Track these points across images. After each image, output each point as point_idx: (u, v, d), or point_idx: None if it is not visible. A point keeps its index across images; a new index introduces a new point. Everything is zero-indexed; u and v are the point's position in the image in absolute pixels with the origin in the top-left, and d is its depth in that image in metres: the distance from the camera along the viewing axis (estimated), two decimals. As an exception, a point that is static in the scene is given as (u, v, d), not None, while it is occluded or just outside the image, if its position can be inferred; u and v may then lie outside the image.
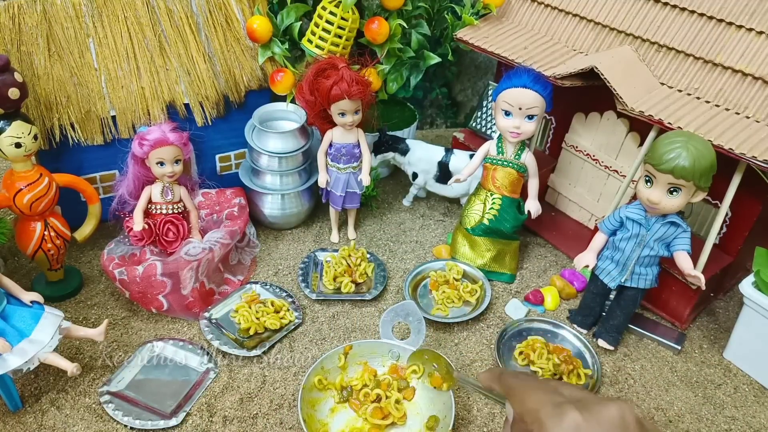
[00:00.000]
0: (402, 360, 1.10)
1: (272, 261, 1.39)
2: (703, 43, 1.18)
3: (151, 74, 1.30)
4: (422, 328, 1.09)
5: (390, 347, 1.11)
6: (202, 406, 1.06)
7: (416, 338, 1.09)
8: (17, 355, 0.97)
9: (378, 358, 1.12)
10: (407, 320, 1.10)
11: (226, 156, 1.46)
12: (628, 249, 1.13)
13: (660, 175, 1.02)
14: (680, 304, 1.26)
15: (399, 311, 1.11)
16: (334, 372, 1.09)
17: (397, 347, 1.10)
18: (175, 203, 1.25)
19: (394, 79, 1.49)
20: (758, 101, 1.11)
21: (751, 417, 1.11)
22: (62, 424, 1.02)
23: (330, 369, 1.09)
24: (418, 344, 1.09)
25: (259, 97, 1.42)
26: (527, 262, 1.43)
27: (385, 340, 1.10)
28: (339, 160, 1.36)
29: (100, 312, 1.24)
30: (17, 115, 1.09)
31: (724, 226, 1.26)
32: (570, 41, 1.37)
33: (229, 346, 1.15)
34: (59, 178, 1.20)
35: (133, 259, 1.23)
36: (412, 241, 1.48)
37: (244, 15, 1.38)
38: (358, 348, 1.11)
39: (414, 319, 1.10)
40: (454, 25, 1.45)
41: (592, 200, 1.45)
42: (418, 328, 1.09)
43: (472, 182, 1.42)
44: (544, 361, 1.14)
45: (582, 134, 1.42)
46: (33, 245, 1.18)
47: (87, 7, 1.26)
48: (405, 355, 1.09)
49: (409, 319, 1.10)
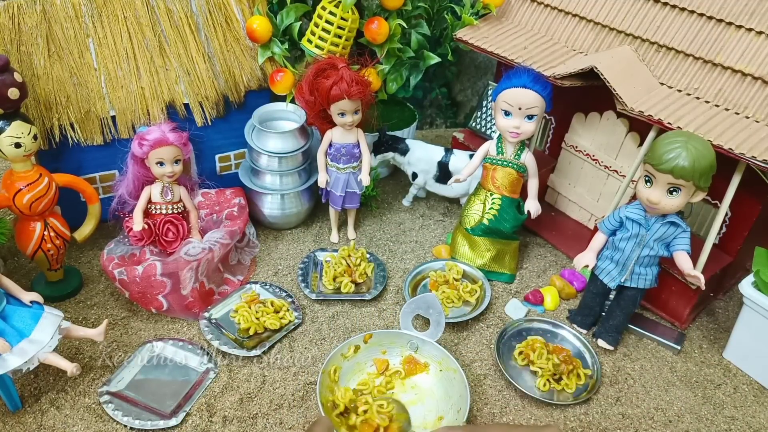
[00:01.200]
0: (420, 351, 1.13)
1: (272, 261, 1.39)
2: (703, 43, 1.18)
3: (150, 74, 1.30)
4: (442, 320, 1.11)
5: (409, 338, 1.13)
6: (201, 406, 1.06)
7: (435, 331, 1.12)
8: (17, 355, 0.96)
9: (397, 348, 1.14)
10: (427, 313, 1.12)
11: (226, 156, 1.46)
12: (627, 249, 1.13)
13: (660, 175, 1.02)
14: (680, 304, 1.26)
15: (420, 303, 1.13)
16: (349, 361, 1.10)
17: (416, 339, 1.12)
18: (174, 203, 1.25)
19: (393, 79, 1.49)
20: (758, 101, 1.11)
21: (751, 417, 1.11)
22: (62, 425, 1.02)
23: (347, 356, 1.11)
24: (437, 337, 1.11)
25: (258, 97, 1.42)
26: (527, 262, 1.43)
27: (405, 331, 1.13)
28: (339, 160, 1.36)
29: (99, 312, 1.24)
30: (17, 115, 1.09)
31: (724, 226, 1.26)
32: (570, 41, 1.37)
33: (229, 346, 1.15)
34: (59, 178, 1.20)
35: (133, 259, 1.23)
36: (411, 241, 1.48)
37: (244, 15, 1.38)
38: (378, 337, 1.13)
39: (434, 311, 1.12)
40: (453, 25, 1.45)
41: (592, 200, 1.45)
42: (438, 321, 1.11)
43: (472, 182, 1.42)
44: (544, 361, 1.14)
45: (582, 134, 1.42)
46: (33, 245, 1.18)
47: (86, 7, 1.26)
48: (423, 346, 1.12)
49: (430, 312, 1.12)
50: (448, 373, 1.09)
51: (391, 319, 1.26)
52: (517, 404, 1.11)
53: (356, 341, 1.12)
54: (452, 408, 1.04)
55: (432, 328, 1.12)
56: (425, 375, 1.11)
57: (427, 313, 1.12)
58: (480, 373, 1.16)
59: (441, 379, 1.09)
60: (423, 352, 1.13)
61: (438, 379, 1.10)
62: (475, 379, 1.15)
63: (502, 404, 1.11)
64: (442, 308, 1.12)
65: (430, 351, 1.12)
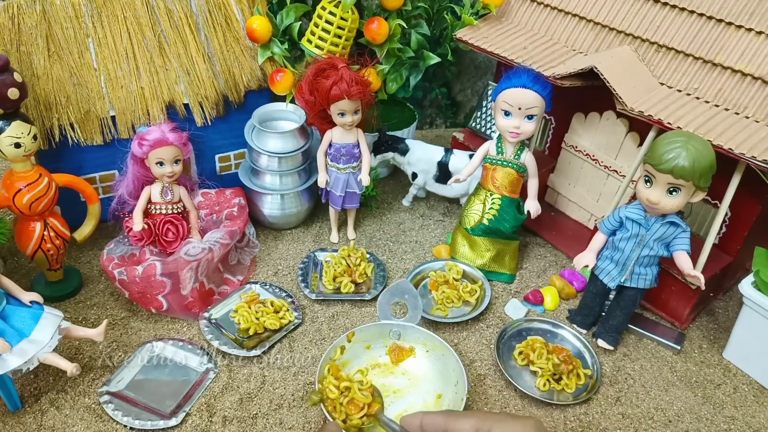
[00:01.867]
0: (402, 338, 1.13)
1: (272, 261, 1.39)
2: (703, 43, 1.18)
3: (150, 74, 1.30)
4: (419, 303, 1.13)
5: (390, 327, 1.13)
6: (201, 406, 1.06)
7: (414, 314, 1.13)
8: (17, 356, 0.96)
9: (380, 339, 1.14)
10: (403, 298, 1.14)
11: (226, 156, 1.46)
12: (627, 249, 1.13)
13: (659, 175, 1.02)
14: (680, 304, 1.26)
15: (394, 291, 1.14)
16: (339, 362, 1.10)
17: (396, 326, 1.13)
18: (174, 203, 1.25)
19: (393, 79, 1.49)
20: (758, 101, 1.11)
21: (751, 417, 1.11)
22: (62, 425, 1.02)
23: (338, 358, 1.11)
24: (416, 320, 1.13)
25: (258, 97, 1.42)
26: (527, 262, 1.43)
27: (384, 322, 1.13)
28: (338, 160, 1.36)
29: (99, 312, 1.23)
30: (17, 115, 1.09)
31: (724, 226, 1.26)
32: (569, 41, 1.37)
33: (229, 346, 1.15)
34: (59, 178, 1.20)
35: (133, 259, 1.23)
36: (411, 241, 1.48)
37: (244, 15, 1.38)
38: (360, 333, 1.13)
39: (410, 296, 1.13)
40: (453, 25, 1.45)
41: (592, 200, 1.45)
42: (414, 304, 1.13)
43: (472, 182, 1.42)
44: (544, 361, 1.14)
45: (581, 134, 1.42)
46: (32, 245, 1.18)
47: (86, 7, 1.26)
48: (405, 333, 1.13)
49: (405, 297, 1.14)
50: (436, 353, 1.10)
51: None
52: (517, 404, 1.11)
53: (341, 342, 1.11)
54: (449, 384, 1.05)
55: (410, 312, 1.13)
56: (413, 359, 1.12)
57: (404, 299, 1.14)
58: (480, 373, 1.16)
59: (430, 359, 1.11)
60: (406, 337, 1.13)
61: (427, 360, 1.11)
62: (475, 379, 1.15)
63: (502, 404, 1.11)
64: (416, 291, 1.13)
65: (412, 335, 1.13)
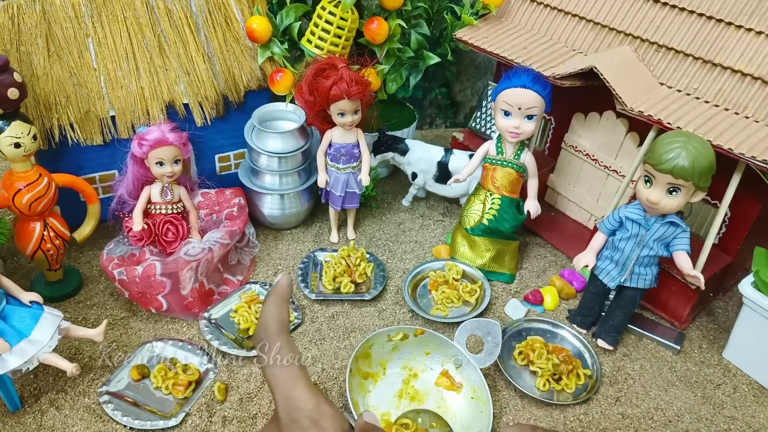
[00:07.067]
0: (461, 370, 1.09)
1: (272, 261, 1.39)
2: (703, 43, 1.18)
3: (150, 74, 1.30)
4: (496, 351, 1.08)
5: (457, 353, 1.09)
6: (201, 406, 1.06)
7: (485, 359, 1.08)
8: (16, 356, 0.96)
9: (440, 356, 1.11)
10: (485, 338, 1.09)
11: (226, 156, 1.46)
12: (627, 249, 1.13)
13: (659, 175, 1.02)
14: (680, 304, 1.26)
15: (482, 325, 1.10)
16: (378, 349, 1.09)
17: (463, 357, 1.09)
18: (174, 203, 1.25)
19: (393, 79, 1.49)
20: (758, 101, 1.11)
21: (751, 417, 1.11)
22: (61, 425, 1.02)
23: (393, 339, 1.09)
24: (484, 365, 1.08)
25: (258, 97, 1.42)
26: (527, 262, 1.43)
27: (456, 344, 1.09)
28: (338, 160, 1.36)
29: (99, 312, 1.23)
30: (16, 115, 1.09)
31: (724, 226, 1.26)
32: (569, 41, 1.37)
33: (229, 346, 1.15)
34: (58, 178, 1.20)
35: (133, 259, 1.23)
36: (411, 241, 1.48)
37: (244, 15, 1.38)
38: (428, 337, 1.10)
39: (492, 339, 1.09)
40: (453, 25, 1.45)
41: (592, 200, 1.45)
42: (491, 350, 1.08)
43: (472, 182, 1.42)
44: (544, 361, 1.14)
45: (581, 134, 1.42)
46: (32, 245, 1.18)
47: (86, 7, 1.26)
48: (466, 368, 1.09)
49: (488, 338, 1.09)
50: (478, 404, 1.05)
51: (391, 319, 1.26)
52: (517, 404, 1.11)
53: (408, 330, 1.08)
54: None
55: (483, 355, 1.08)
56: (455, 395, 1.08)
57: (485, 338, 1.09)
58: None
59: (469, 405, 1.06)
60: (463, 372, 1.09)
61: (466, 404, 1.06)
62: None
63: (502, 404, 1.10)
64: (500, 340, 1.08)
65: (470, 374, 1.08)
